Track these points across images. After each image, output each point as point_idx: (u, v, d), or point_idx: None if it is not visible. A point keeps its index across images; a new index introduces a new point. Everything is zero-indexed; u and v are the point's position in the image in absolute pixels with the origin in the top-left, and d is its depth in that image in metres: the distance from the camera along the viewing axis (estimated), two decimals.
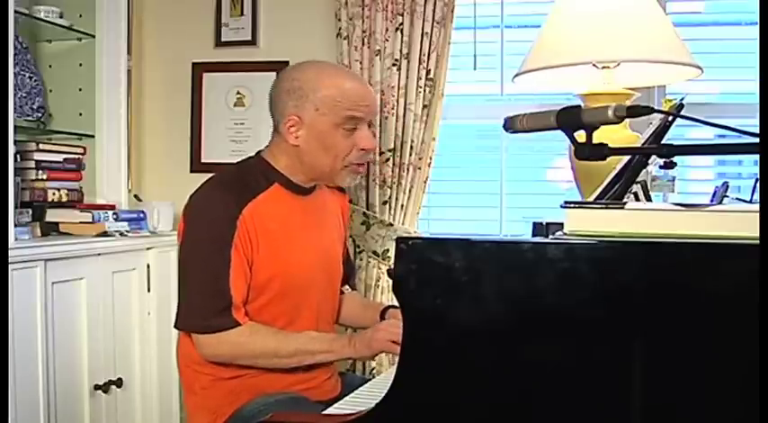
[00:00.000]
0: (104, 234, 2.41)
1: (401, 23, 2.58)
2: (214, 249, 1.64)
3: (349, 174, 1.76)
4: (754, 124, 2.03)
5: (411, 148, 2.59)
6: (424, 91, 2.59)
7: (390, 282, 2.28)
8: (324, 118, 1.69)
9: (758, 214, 0.95)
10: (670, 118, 1.41)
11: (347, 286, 2.00)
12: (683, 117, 1.18)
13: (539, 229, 1.34)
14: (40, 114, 2.58)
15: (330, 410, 1.40)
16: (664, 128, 1.42)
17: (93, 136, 2.66)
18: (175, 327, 1.69)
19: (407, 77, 2.59)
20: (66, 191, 2.53)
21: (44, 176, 2.45)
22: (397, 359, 1.05)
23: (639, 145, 1.47)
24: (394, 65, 2.59)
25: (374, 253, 2.64)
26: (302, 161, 1.73)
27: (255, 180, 1.72)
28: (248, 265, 1.66)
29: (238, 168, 1.79)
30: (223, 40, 2.92)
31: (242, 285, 1.65)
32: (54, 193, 2.48)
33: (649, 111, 1.03)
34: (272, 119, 1.78)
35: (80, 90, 2.69)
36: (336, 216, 1.92)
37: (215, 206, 1.67)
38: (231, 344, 1.64)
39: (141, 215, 2.62)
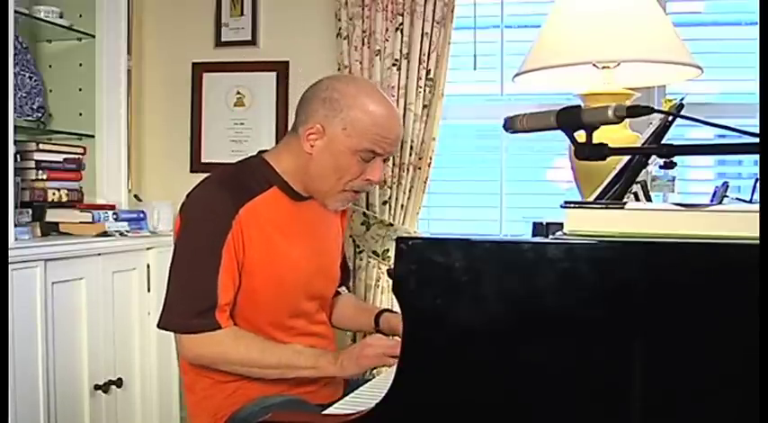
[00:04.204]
0: (104, 234, 2.41)
1: (401, 23, 2.58)
2: (206, 248, 1.61)
3: (342, 199, 1.74)
4: (754, 124, 2.03)
5: (411, 148, 2.59)
6: (424, 91, 2.59)
7: (390, 282, 2.29)
8: (347, 140, 1.66)
9: (758, 214, 0.95)
10: (670, 118, 1.41)
11: (343, 287, 1.99)
12: (683, 117, 1.18)
13: (539, 229, 1.34)
14: (40, 114, 2.58)
15: (330, 410, 1.40)
16: (664, 128, 1.42)
17: (93, 136, 2.67)
18: (158, 326, 1.65)
19: (407, 77, 2.59)
20: (66, 191, 2.53)
21: (44, 176, 2.46)
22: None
23: (639, 145, 1.47)
24: (394, 65, 2.59)
25: (374, 253, 2.64)
26: (307, 170, 1.70)
27: (255, 181, 1.70)
28: (238, 268, 1.63)
29: (238, 168, 1.76)
30: (223, 40, 2.92)
31: (229, 287, 1.62)
32: (54, 193, 2.48)
33: (649, 111, 1.02)
34: (295, 118, 1.74)
35: (80, 90, 2.69)
36: (335, 222, 1.89)
37: (212, 204, 1.65)
38: (213, 347, 1.61)
39: (141, 215, 2.62)
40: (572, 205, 1.05)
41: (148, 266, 2.56)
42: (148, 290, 2.56)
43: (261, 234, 1.66)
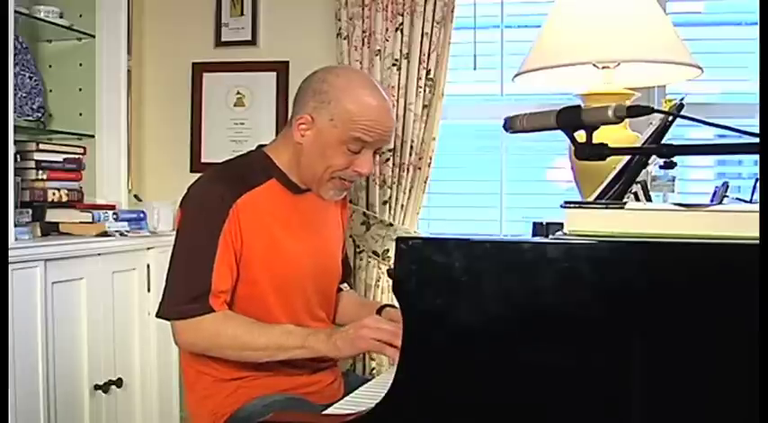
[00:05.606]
0: (104, 234, 2.41)
1: (401, 23, 2.58)
2: (202, 236, 1.64)
3: (333, 187, 1.75)
4: (754, 124, 2.03)
5: (411, 148, 2.59)
6: (424, 91, 2.59)
7: (390, 282, 2.29)
8: (334, 130, 1.69)
9: (758, 214, 0.95)
10: (670, 118, 1.41)
11: (345, 284, 2.00)
12: (683, 117, 1.18)
13: (539, 229, 1.34)
14: (40, 114, 2.58)
15: (330, 410, 1.40)
16: (664, 128, 1.42)
17: (93, 136, 2.67)
18: (156, 315, 1.66)
19: (407, 77, 2.59)
20: (66, 191, 2.53)
21: (44, 176, 2.46)
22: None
23: (639, 145, 1.47)
24: (394, 65, 2.59)
25: (374, 253, 2.64)
26: (299, 160, 1.74)
27: (253, 173, 1.73)
28: (235, 258, 1.65)
29: (237, 161, 1.81)
30: (223, 40, 2.92)
31: (226, 275, 1.63)
32: (54, 193, 2.48)
33: (649, 111, 1.03)
34: (291, 109, 1.79)
35: (80, 90, 2.69)
36: (335, 215, 1.91)
37: (209, 195, 1.68)
38: (204, 332, 1.61)
39: (141, 215, 2.62)
40: (572, 205, 1.05)
41: (148, 266, 2.56)
42: (148, 290, 2.56)
43: (259, 225, 1.68)
